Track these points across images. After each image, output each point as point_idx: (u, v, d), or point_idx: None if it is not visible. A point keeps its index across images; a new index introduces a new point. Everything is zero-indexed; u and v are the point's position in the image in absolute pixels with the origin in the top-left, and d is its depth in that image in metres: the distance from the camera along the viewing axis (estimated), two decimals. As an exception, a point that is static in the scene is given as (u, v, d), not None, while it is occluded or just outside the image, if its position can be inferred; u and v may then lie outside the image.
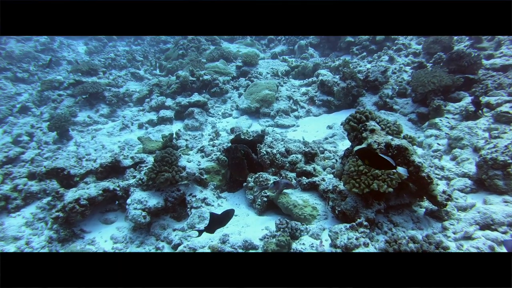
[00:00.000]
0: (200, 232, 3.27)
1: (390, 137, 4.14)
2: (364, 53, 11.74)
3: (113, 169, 5.69)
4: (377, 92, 8.29)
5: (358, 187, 3.88)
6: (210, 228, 3.25)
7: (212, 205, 5.07)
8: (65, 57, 17.01)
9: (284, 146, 5.38)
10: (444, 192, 4.05)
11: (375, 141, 4.10)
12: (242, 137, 5.58)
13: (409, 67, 9.75)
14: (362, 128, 4.30)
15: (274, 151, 5.24)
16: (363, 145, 4.19)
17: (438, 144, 5.98)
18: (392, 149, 3.99)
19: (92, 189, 5.27)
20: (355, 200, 4.05)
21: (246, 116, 8.61)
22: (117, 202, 5.37)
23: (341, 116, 8.15)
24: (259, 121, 8.43)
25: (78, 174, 5.62)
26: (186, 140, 6.90)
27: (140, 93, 10.70)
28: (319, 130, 7.67)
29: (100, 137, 8.31)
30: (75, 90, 10.60)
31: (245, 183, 5.11)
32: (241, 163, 5.13)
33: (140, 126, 8.46)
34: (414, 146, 4.35)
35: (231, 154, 5.20)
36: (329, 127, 7.62)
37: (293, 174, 5.14)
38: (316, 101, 8.71)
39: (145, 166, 5.51)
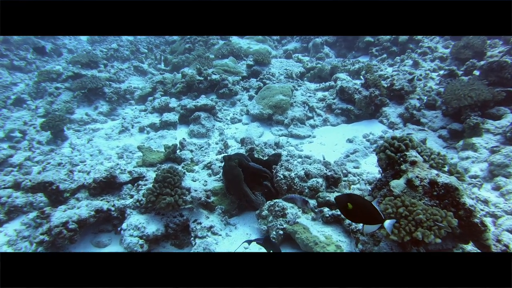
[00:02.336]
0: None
1: (435, 171, 3.53)
2: (385, 55, 11.06)
3: (108, 184, 5.13)
4: (402, 102, 7.65)
5: (397, 234, 3.27)
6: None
7: (220, 235, 4.50)
8: (65, 44, 16.42)
9: (303, 168, 4.78)
10: (499, 240, 3.45)
11: (416, 177, 3.51)
12: (256, 156, 4.99)
13: (436, 74, 9.08)
14: (401, 159, 3.69)
15: (293, 174, 4.65)
16: (397, 181, 3.61)
17: (477, 169, 5.36)
18: (439, 187, 3.39)
19: (83, 208, 4.71)
20: (390, 246, 3.46)
21: (257, 123, 8.00)
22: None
23: (361, 128, 7.54)
24: (272, 130, 7.83)
25: (69, 189, 5.07)
26: (191, 151, 6.32)
27: (142, 91, 10.12)
28: (338, 143, 7.06)
29: (97, 140, 7.75)
30: (73, 85, 10.03)
31: (258, 211, 4.53)
32: (234, 174, 4.54)
33: (141, 130, 7.89)
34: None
35: (225, 163, 4.64)
36: (349, 141, 7.00)
37: (312, 201, 4.55)
38: (335, 109, 8.08)
39: (144, 185, 4.95)
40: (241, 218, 4.90)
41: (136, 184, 5.03)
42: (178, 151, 6.35)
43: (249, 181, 4.69)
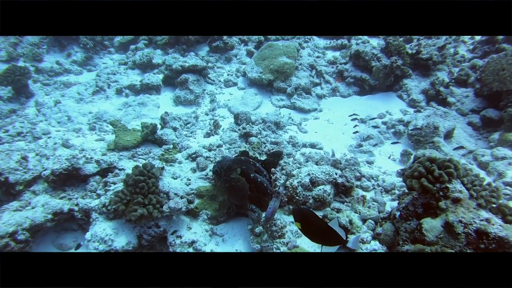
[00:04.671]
0: None
1: (485, 214, 2.74)
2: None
3: (70, 177, 4.29)
4: (428, 74, 6.57)
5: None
6: None
7: (203, 251, 3.80)
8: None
9: (308, 173, 3.96)
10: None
11: (459, 221, 2.72)
12: (252, 153, 4.11)
13: (469, 36, 7.81)
14: (441, 193, 2.85)
15: (295, 182, 3.83)
16: (431, 222, 2.84)
17: (513, 174, 4.56)
18: (488, 240, 2.62)
19: (38, 210, 3.95)
20: None
21: (255, 89, 6.93)
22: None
23: (375, 103, 6.56)
24: (272, 99, 6.81)
25: (22, 181, 4.23)
26: (175, 129, 5.37)
27: (123, 37, 8.76)
28: (348, 122, 6.12)
29: (67, 102, 6.69)
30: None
31: (250, 226, 3.79)
32: (239, 187, 3.71)
33: (119, 92, 6.81)
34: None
35: (224, 175, 3.78)
36: (362, 121, 6.06)
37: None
38: (347, 77, 6.98)
39: (113, 183, 4.13)
40: (230, 227, 4.17)
41: (104, 182, 4.19)
42: (159, 128, 5.41)
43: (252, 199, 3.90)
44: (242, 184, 3.65)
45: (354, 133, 5.69)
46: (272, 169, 3.97)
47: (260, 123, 5.81)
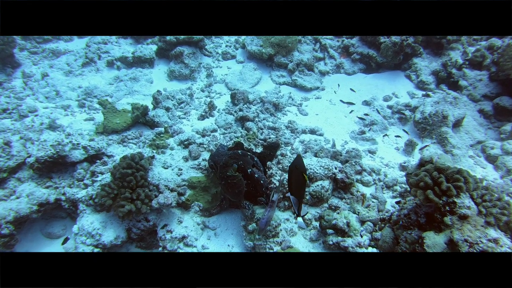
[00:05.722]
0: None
1: (493, 233, 2.56)
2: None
3: (56, 164, 4.10)
4: (440, 53, 6.14)
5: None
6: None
7: (195, 246, 3.70)
8: None
9: (306, 167, 3.75)
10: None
11: (465, 240, 2.55)
12: (247, 144, 3.87)
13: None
14: (447, 208, 2.65)
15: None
16: (434, 238, 2.69)
17: (522, 171, 4.36)
18: (494, 261, 2.46)
19: (23, 201, 3.80)
20: None
21: (254, 63, 6.53)
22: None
23: (382, 83, 6.20)
24: (272, 74, 6.43)
25: (5, 168, 4.04)
26: (168, 109, 5.07)
27: None
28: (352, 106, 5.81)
29: (55, 74, 6.33)
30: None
31: (243, 223, 3.65)
32: (236, 184, 3.53)
33: (110, 64, 6.41)
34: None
35: (220, 172, 3.59)
36: (366, 103, 5.75)
37: (314, 211, 3.67)
38: (353, 53, 6.54)
39: (100, 172, 3.95)
40: (223, 219, 4.04)
41: (91, 171, 3.99)
42: (151, 108, 5.13)
43: (248, 197, 3.72)
44: (239, 182, 3.46)
45: (350, 112, 5.48)
46: (268, 162, 3.75)
47: (258, 103, 5.51)
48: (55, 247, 4.11)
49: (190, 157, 4.20)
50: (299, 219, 2.72)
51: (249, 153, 3.66)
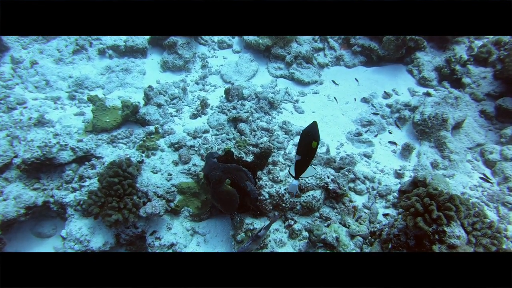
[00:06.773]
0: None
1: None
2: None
3: (43, 166, 4.04)
4: (445, 48, 5.91)
5: None
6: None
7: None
8: None
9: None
10: None
11: (453, 269, 2.49)
12: (237, 152, 3.78)
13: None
14: (436, 236, 2.60)
15: (282, 190, 3.57)
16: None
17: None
18: (481, 292, 2.43)
19: (10, 204, 3.76)
20: None
21: (250, 54, 6.31)
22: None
23: (382, 77, 6.02)
24: (269, 67, 6.23)
25: (-8, 168, 3.98)
26: (159, 105, 4.93)
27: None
28: (350, 100, 5.65)
29: (45, 62, 6.13)
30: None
31: (232, 232, 3.63)
32: (229, 200, 3.50)
33: (101, 52, 6.19)
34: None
35: (212, 188, 3.53)
36: (365, 100, 5.59)
37: (304, 220, 3.64)
38: (353, 44, 6.30)
39: (88, 177, 3.89)
40: (213, 224, 4.03)
41: (79, 175, 3.93)
42: (142, 105, 5.00)
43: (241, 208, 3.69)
44: (231, 198, 3.42)
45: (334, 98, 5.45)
46: (259, 172, 3.68)
47: (253, 99, 5.36)
48: (45, 246, 4.12)
49: (180, 161, 4.12)
50: (295, 181, 2.56)
51: (243, 169, 3.55)
